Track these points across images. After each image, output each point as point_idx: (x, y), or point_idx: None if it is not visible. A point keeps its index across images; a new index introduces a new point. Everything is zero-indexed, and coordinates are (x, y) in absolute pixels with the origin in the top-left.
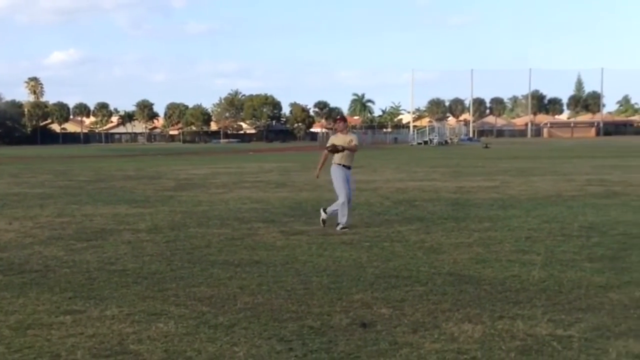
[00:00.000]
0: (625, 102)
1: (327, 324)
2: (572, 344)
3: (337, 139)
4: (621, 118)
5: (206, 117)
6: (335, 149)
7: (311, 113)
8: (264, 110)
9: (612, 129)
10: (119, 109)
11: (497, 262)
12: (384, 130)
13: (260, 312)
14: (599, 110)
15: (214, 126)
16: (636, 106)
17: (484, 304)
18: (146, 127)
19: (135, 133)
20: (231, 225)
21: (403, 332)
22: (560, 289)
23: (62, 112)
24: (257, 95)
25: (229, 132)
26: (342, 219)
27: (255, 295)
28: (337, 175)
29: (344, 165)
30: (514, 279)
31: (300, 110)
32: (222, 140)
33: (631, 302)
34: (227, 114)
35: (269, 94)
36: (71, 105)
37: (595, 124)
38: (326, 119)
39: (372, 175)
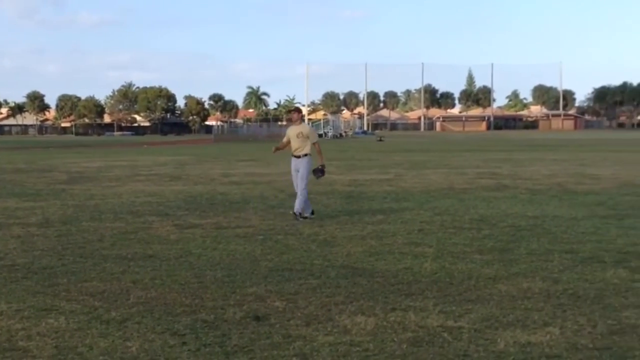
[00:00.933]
0: (514, 97)
1: (220, 317)
2: (462, 334)
3: (291, 130)
4: (511, 112)
5: (99, 109)
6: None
7: (206, 106)
8: (159, 102)
9: (502, 123)
10: (8, 101)
11: (390, 254)
12: (279, 123)
13: (153, 307)
14: (489, 105)
15: (107, 118)
16: (525, 101)
17: (376, 296)
18: (37, 119)
19: (25, 125)
20: (124, 219)
21: (296, 325)
22: (451, 280)
23: None
24: (152, 88)
25: (122, 124)
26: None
27: (148, 289)
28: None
29: (294, 156)
30: (407, 271)
31: (195, 103)
32: (115, 133)
33: (519, 293)
34: (120, 106)
35: (163, 87)
36: None
37: (486, 118)
38: (221, 111)
39: (267, 168)
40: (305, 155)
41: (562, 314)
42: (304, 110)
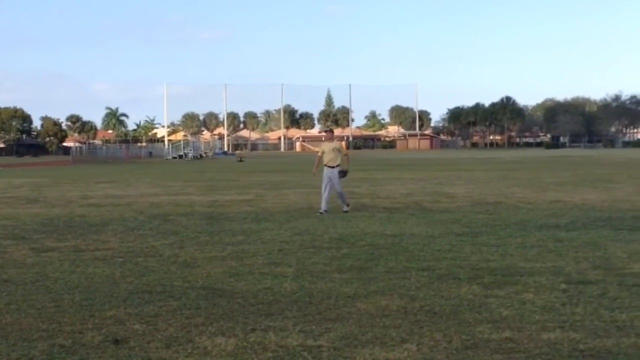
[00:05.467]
0: (372, 117)
1: (78, 341)
2: (322, 353)
3: (325, 145)
4: (369, 132)
5: None
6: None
7: (64, 127)
8: (13, 123)
9: (361, 142)
10: None
11: (250, 274)
12: (139, 144)
13: (8, 332)
14: (348, 125)
15: None
16: (383, 121)
17: (236, 317)
18: None
19: None
20: None
21: (156, 348)
22: (310, 299)
23: None
24: (6, 108)
25: None
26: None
27: (3, 314)
28: (323, 175)
29: (327, 166)
30: (267, 291)
31: (52, 124)
32: None
33: (377, 311)
34: None
35: (18, 107)
36: None
37: (345, 138)
38: (79, 132)
39: (127, 190)
40: (337, 166)
41: (419, 330)
42: (164, 131)
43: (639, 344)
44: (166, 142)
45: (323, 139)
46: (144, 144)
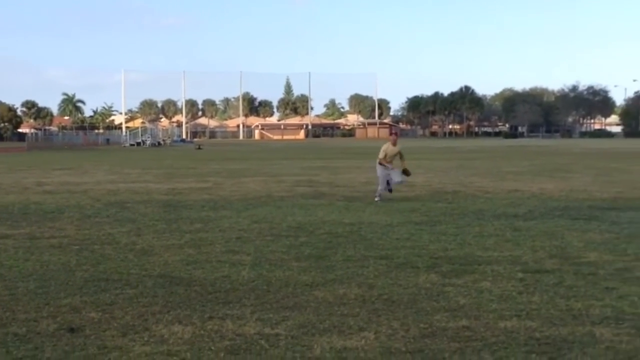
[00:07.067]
0: (332, 106)
1: (33, 330)
2: (279, 341)
3: (389, 149)
4: (328, 121)
5: None
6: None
7: (19, 112)
8: None
9: (320, 131)
10: None
11: (208, 263)
12: (96, 131)
13: None
14: (307, 113)
15: None
16: (342, 109)
17: (194, 305)
18: None
19: None
20: None
21: (112, 336)
22: (268, 288)
23: None
24: None
25: None
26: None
27: None
28: (379, 170)
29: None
30: (224, 280)
31: (6, 110)
32: None
33: (335, 299)
34: None
35: None
36: None
37: (305, 126)
38: (35, 119)
39: (83, 177)
40: (394, 168)
41: (377, 318)
42: (122, 118)
43: (593, 332)
44: (124, 129)
45: (389, 141)
46: (101, 130)
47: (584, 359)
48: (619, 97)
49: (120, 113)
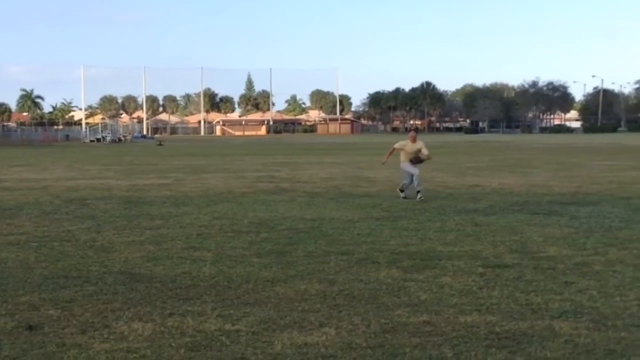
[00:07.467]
0: (293, 101)
1: None
2: (240, 337)
3: (408, 146)
4: (290, 116)
5: None
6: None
7: None
8: None
9: (281, 126)
10: None
11: (169, 259)
12: (55, 127)
13: None
14: (269, 109)
15: None
16: (304, 105)
17: (154, 301)
18: None
19: None
20: None
21: (71, 333)
22: (229, 284)
23: None
24: None
25: None
26: (418, 187)
27: None
28: (404, 166)
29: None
30: (185, 276)
31: None
32: None
33: (296, 295)
34: None
35: None
36: None
37: (266, 122)
38: None
39: (42, 174)
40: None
41: (338, 314)
42: (82, 114)
43: (552, 326)
44: (84, 125)
45: (408, 138)
46: (60, 127)
47: (543, 352)
48: (578, 93)
49: (80, 109)
